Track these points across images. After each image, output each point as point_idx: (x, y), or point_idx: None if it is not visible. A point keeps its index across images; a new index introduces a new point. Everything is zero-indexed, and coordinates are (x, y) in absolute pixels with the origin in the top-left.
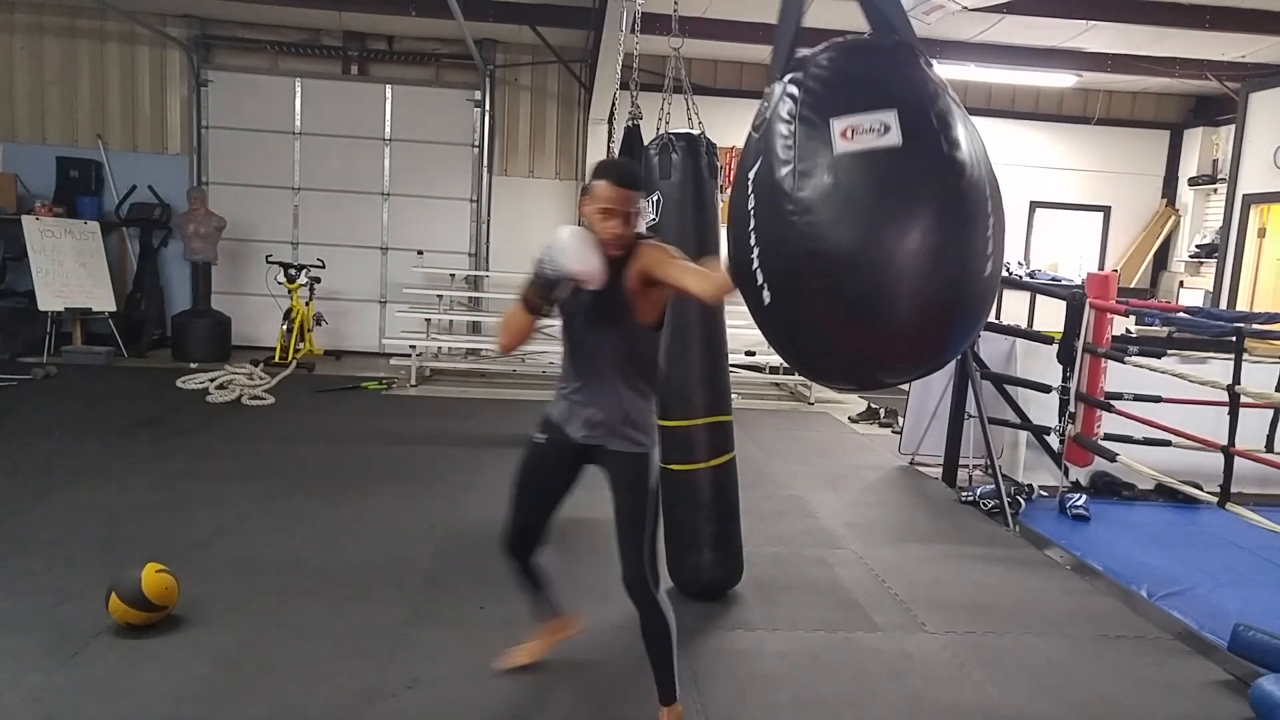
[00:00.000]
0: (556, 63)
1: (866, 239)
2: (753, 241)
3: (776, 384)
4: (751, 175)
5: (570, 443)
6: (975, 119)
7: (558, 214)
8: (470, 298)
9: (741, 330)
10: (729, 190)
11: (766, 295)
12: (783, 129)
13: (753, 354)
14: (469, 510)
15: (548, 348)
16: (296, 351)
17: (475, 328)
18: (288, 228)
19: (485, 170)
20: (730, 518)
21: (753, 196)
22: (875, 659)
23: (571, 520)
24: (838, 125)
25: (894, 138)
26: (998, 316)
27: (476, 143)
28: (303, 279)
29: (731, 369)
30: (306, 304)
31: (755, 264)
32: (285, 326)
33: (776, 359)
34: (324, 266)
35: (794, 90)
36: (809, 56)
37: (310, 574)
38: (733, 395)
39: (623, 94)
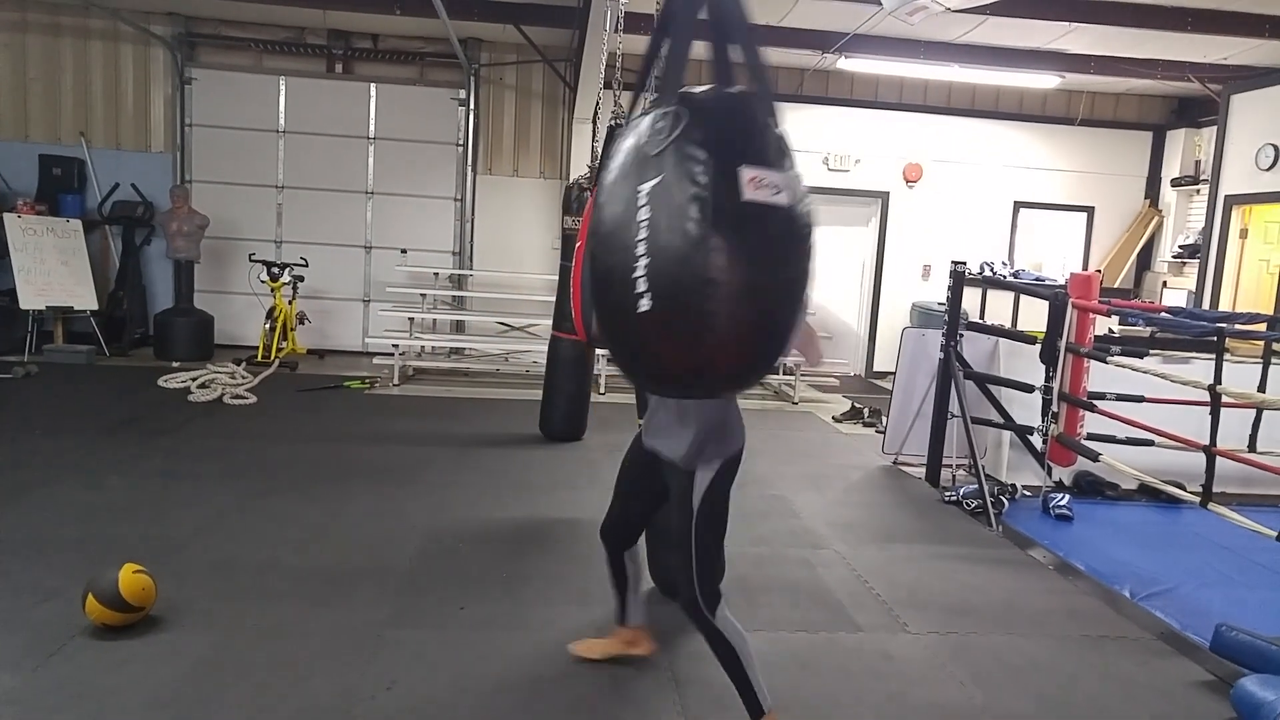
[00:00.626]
0: (541, 62)
1: (758, 277)
2: (640, 251)
3: (760, 384)
4: (647, 188)
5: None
6: (959, 120)
7: (542, 213)
8: (454, 296)
9: None
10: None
11: (645, 303)
12: (697, 157)
13: None
14: (450, 510)
15: (530, 347)
16: (279, 350)
17: (459, 326)
18: (271, 226)
19: (469, 169)
20: None
21: (647, 209)
22: (857, 659)
23: (555, 520)
24: (746, 173)
25: (785, 199)
26: (981, 316)
27: (461, 141)
28: (286, 278)
29: None
30: (289, 303)
31: (639, 272)
32: (268, 325)
33: None
34: (307, 265)
35: (702, 126)
36: (704, 94)
37: (289, 575)
38: None
39: (606, 93)
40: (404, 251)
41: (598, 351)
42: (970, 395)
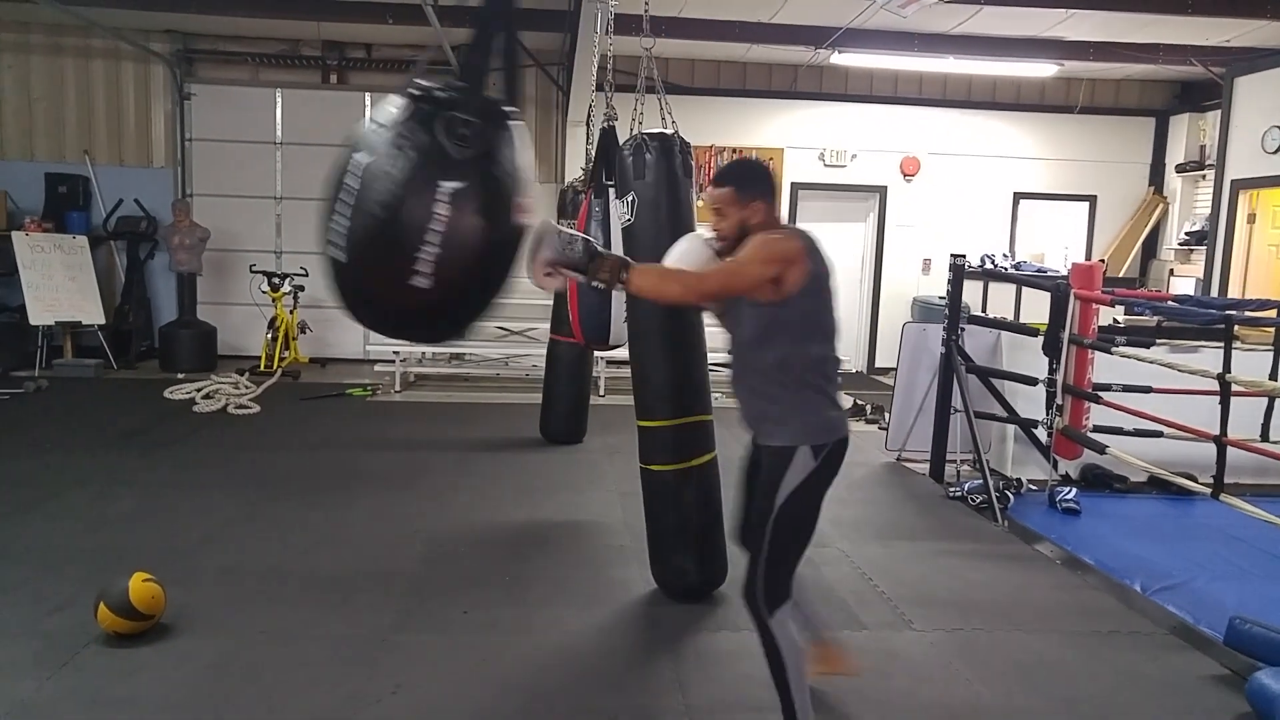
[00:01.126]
0: (533, 66)
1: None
2: (435, 241)
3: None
4: (449, 187)
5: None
6: (956, 112)
7: (537, 217)
8: None
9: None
10: (700, 189)
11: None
12: (496, 174)
13: None
14: (454, 514)
15: (530, 350)
16: (281, 360)
17: None
18: (271, 237)
19: None
20: (714, 518)
21: (446, 205)
22: (862, 658)
23: (557, 523)
24: (517, 199)
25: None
26: (983, 310)
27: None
28: (286, 288)
29: (714, 368)
30: (291, 312)
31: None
32: (270, 335)
33: None
34: (307, 275)
35: (495, 146)
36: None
37: (295, 581)
38: (716, 394)
39: (599, 95)
40: None
41: (596, 354)
42: (973, 389)
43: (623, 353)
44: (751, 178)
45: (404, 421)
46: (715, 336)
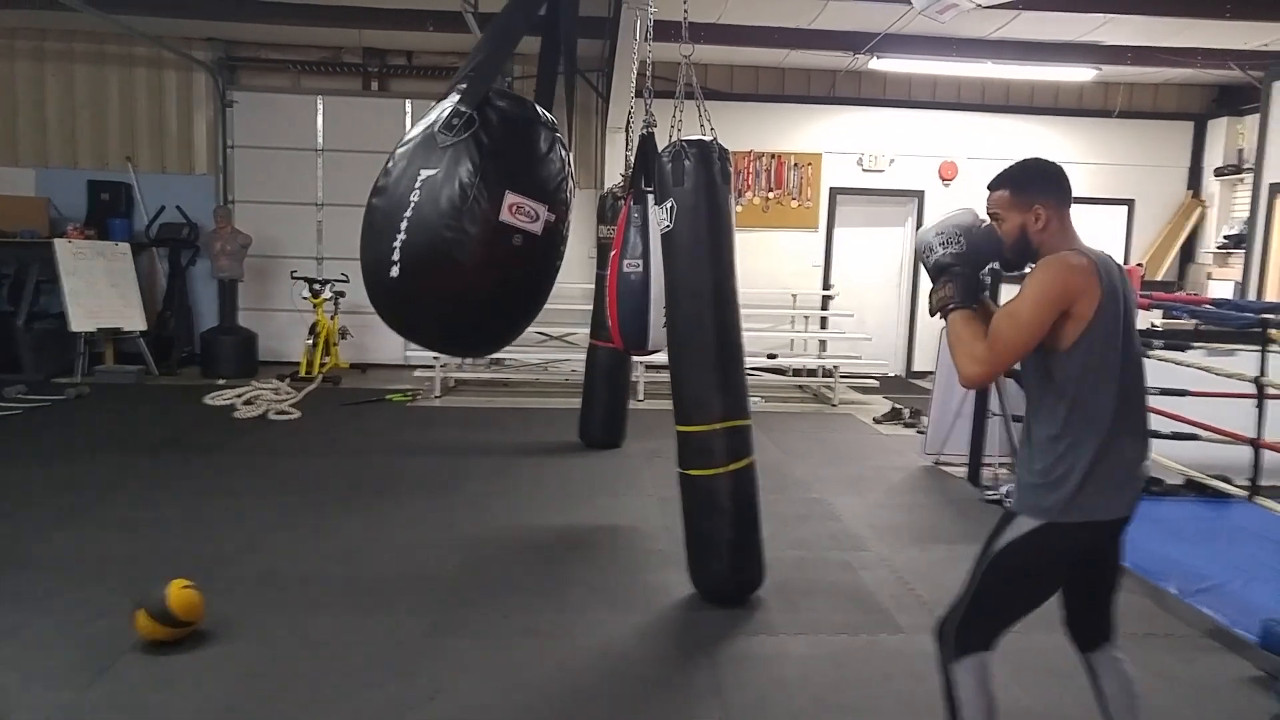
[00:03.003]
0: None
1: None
2: (403, 227)
3: (799, 386)
4: (425, 175)
5: None
6: (994, 116)
7: (577, 222)
8: None
9: (763, 333)
10: (739, 195)
11: (395, 270)
12: (468, 167)
13: (774, 356)
14: (493, 519)
15: (569, 355)
16: (322, 366)
17: None
18: (312, 243)
19: None
20: (751, 522)
21: (419, 192)
22: (898, 661)
23: (596, 527)
24: (509, 198)
25: (538, 227)
26: None
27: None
28: (327, 293)
29: (752, 372)
30: (331, 318)
31: (396, 244)
32: (310, 341)
33: (799, 362)
34: (348, 281)
35: (484, 138)
36: (498, 103)
37: (334, 587)
38: (755, 398)
39: (638, 102)
40: None
41: (635, 359)
42: (1010, 393)
43: (662, 357)
44: (1032, 177)
45: (443, 427)
46: (752, 342)
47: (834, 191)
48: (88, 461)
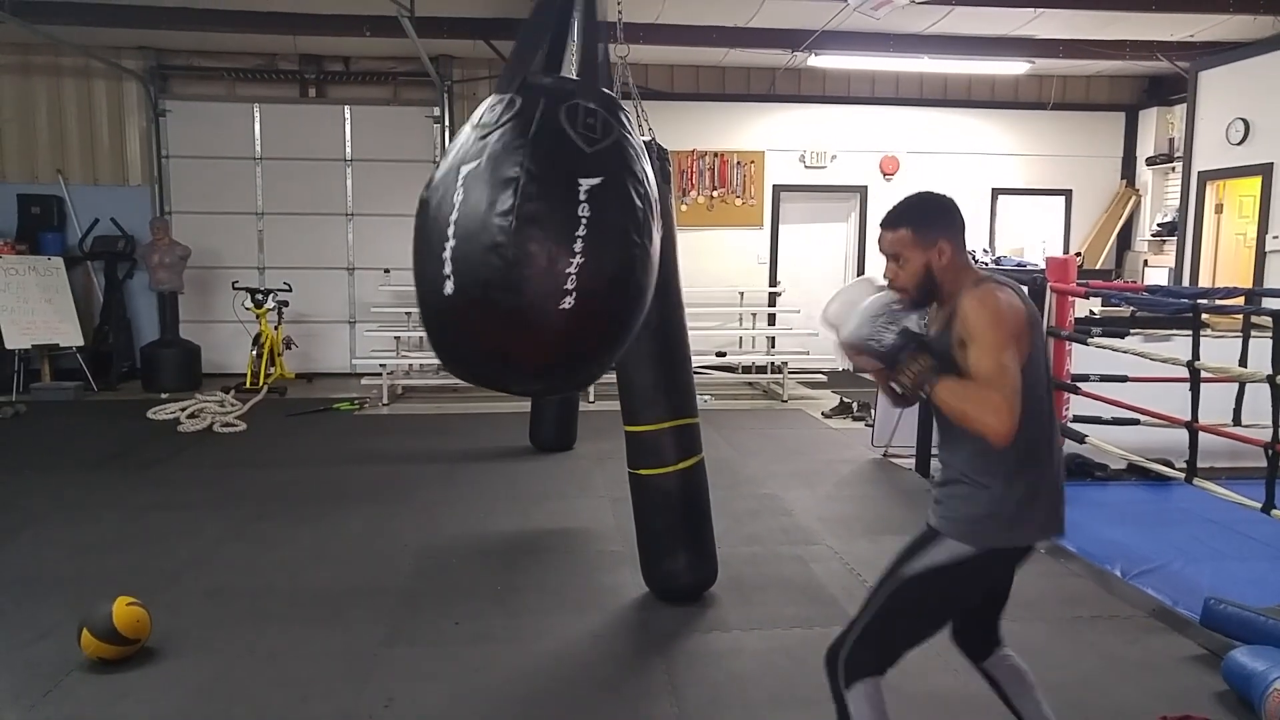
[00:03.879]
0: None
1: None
2: (450, 232)
3: (749, 383)
4: (466, 170)
5: None
6: (933, 111)
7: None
8: None
9: (711, 332)
10: (684, 194)
11: (450, 286)
12: (515, 159)
13: (723, 354)
14: (443, 527)
15: None
16: (267, 376)
17: None
18: (253, 253)
19: None
20: (703, 520)
21: (462, 190)
22: None
23: (547, 531)
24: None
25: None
26: None
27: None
28: (270, 303)
29: (702, 370)
30: (275, 328)
31: (446, 252)
32: (255, 352)
33: (748, 359)
34: (291, 290)
35: (544, 127)
36: (561, 93)
37: (284, 599)
38: (704, 397)
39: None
40: (387, 271)
41: None
42: None
43: None
44: (933, 212)
45: (392, 434)
46: (701, 341)
47: (777, 189)
48: (27, 480)
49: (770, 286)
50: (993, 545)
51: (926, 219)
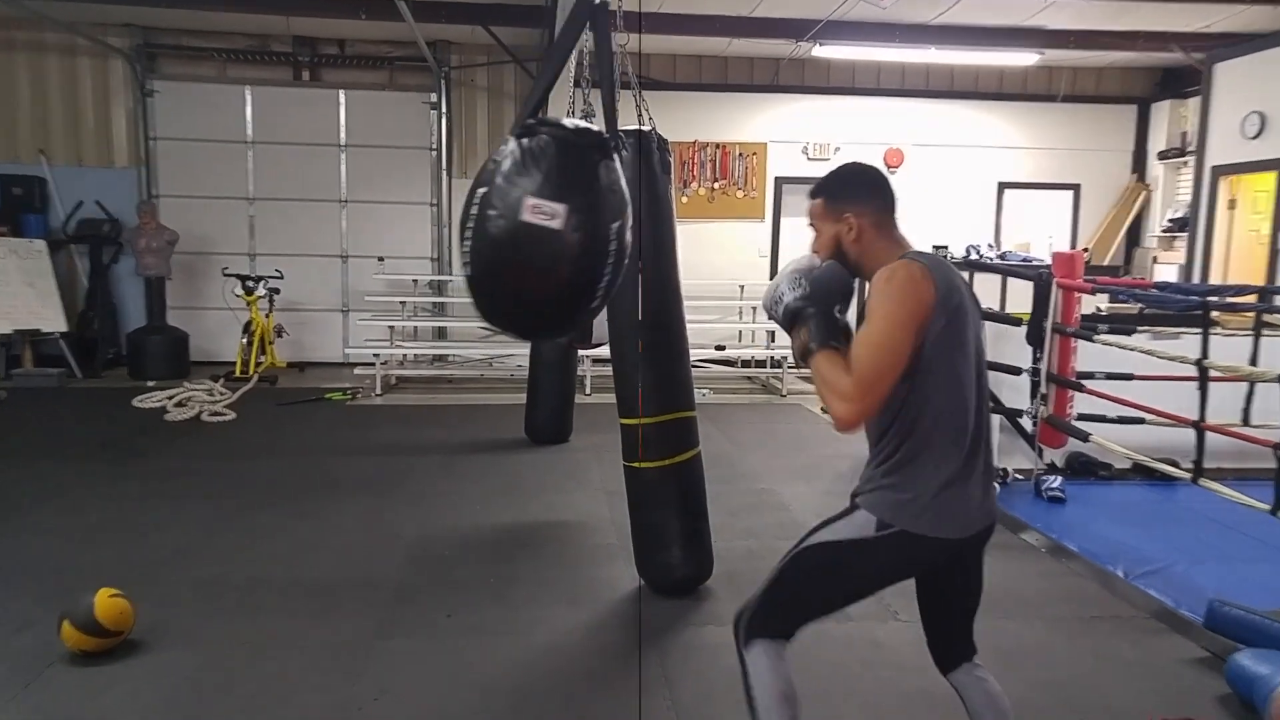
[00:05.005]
0: (512, 62)
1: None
2: (468, 234)
3: (748, 377)
4: (481, 192)
5: None
6: (939, 103)
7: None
8: (434, 303)
9: (711, 325)
10: (684, 186)
11: (470, 269)
12: (500, 180)
13: (723, 348)
14: (437, 518)
15: (514, 350)
16: (258, 365)
17: (440, 333)
18: (244, 239)
19: (444, 173)
20: (698, 513)
21: (477, 206)
22: (847, 649)
23: (542, 523)
24: (528, 201)
25: (557, 223)
26: None
27: (434, 145)
28: (261, 290)
29: (701, 364)
30: (266, 316)
31: (466, 249)
32: (245, 340)
33: (748, 353)
34: (282, 277)
35: (517, 154)
36: (538, 130)
37: (275, 591)
38: (703, 390)
39: (577, 91)
40: (381, 259)
41: (580, 353)
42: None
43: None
44: (845, 183)
45: (385, 425)
46: (700, 335)
47: (779, 181)
48: (9, 468)
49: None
50: (904, 528)
51: (838, 191)
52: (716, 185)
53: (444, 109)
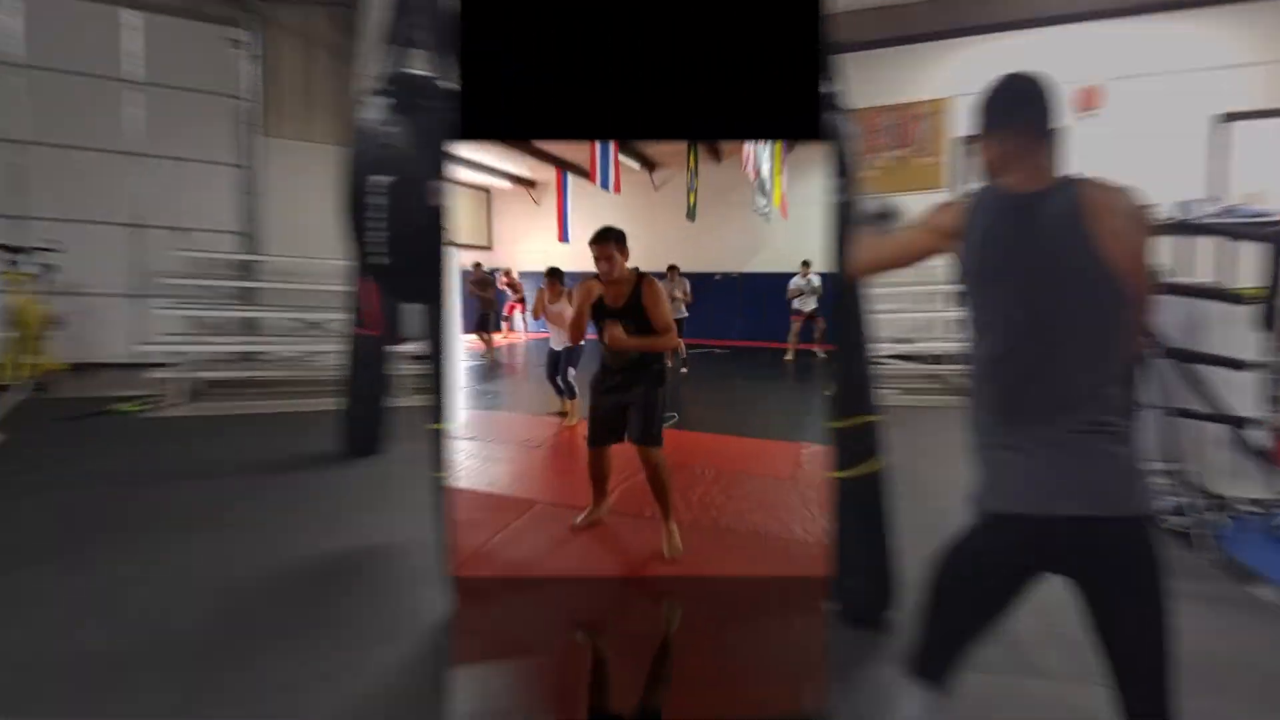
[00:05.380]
0: (328, 4)
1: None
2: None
3: (931, 375)
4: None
5: None
6: (1140, 21)
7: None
8: (242, 288)
9: (894, 315)
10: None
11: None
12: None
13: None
14: (244, 555)
15: (331, 347)
16: (30, 368)
17: (251, 325)
18: (3, 194)
19: (254, 130)
20: (877, 534)
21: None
22: (1042, 713)
23: (360, 549)
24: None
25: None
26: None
27: (240, 94)
28: (31, 266)
29: (884, 360)
30: (33, 301)
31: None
32: (10, 334)
33: (936, 348)
34: (64, 250)
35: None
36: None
37: (49, 671)
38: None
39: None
40: (177, 231)
41: (391, 349)
42: (1169, 378)
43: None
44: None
45: (184, 442)
46: (888, 324)
47: (960, 142)
48: None
49: None
50: (985, 507)
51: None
52: (897, 155)
53: (260, 51)
